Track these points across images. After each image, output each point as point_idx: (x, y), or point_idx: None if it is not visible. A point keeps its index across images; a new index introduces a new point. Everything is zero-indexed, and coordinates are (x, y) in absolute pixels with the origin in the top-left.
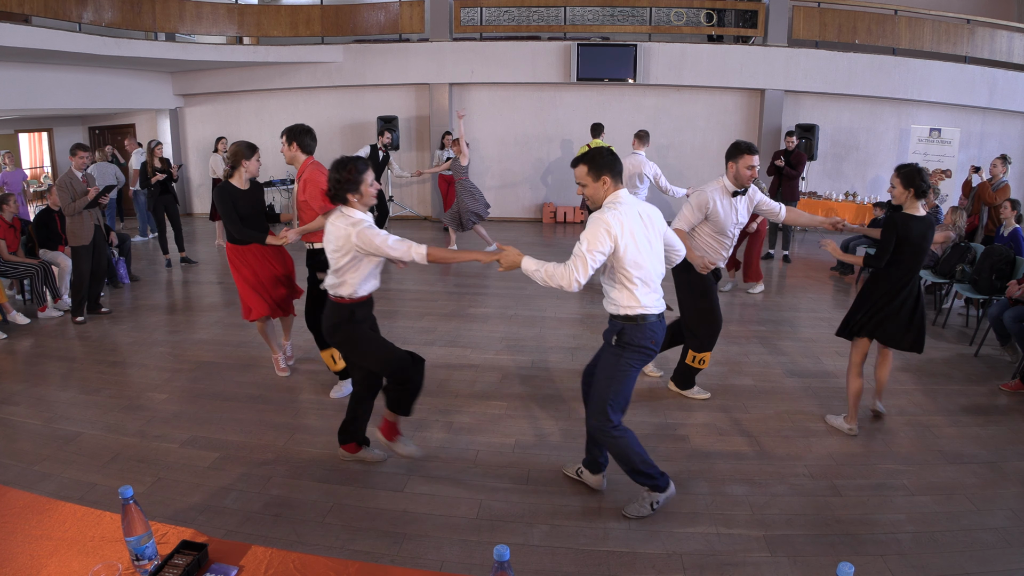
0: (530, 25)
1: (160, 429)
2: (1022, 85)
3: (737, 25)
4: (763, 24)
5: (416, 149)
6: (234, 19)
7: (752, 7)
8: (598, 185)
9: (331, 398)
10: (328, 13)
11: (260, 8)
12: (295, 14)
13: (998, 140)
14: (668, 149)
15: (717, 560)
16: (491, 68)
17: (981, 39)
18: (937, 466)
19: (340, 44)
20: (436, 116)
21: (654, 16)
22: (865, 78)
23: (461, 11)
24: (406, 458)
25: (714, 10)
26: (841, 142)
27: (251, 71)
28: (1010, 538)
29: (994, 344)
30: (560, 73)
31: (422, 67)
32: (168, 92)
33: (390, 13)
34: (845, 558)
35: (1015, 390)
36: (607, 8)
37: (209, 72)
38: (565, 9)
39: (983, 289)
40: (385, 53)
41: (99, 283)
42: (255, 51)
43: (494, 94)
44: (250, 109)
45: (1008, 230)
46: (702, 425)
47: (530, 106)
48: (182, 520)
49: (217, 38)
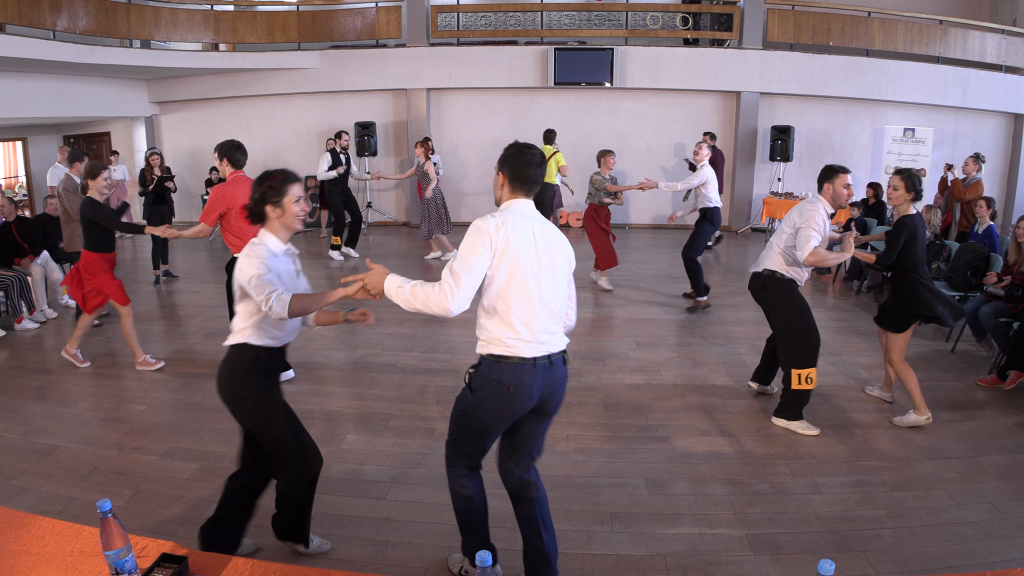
0: (507, 30)
1: (139, 441)
2: (994, 85)
3: (712, 28)
4: (738, 27)
5: (394, 155)
6: (210, 26)
7: (727, 10)
8: (496, 178)
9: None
10: (304, 19)
11: (236, 14)
12: (271, 20)
13: (971, 139)
14: (646, 152)
15: (700, 560)
16: (468, 73)
17: (954, 39)
18: (916, 462)
19: (317, 50)
20: (414, 122)
21: (630, 20)
22: (839, 79)
23: (438, 16)
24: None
25: (689, 14)
26: (816, 143)
27: (227, 78)
28: (990, 531)
29: (970, 340)
30: (537, 77)
31: (399, 72)
32: (143, 100)
33: (367, 19)
34: (827, 555)
35: (992, 385)
36: (583, 12)
37: (185, 79)
38: (542, 14)
39: (959, 286)
40: (362, 59)
41: None
42: (231, 58)
43: (472, 99)
44: (226, 116)
45: (983, 227)
46: (683, 426)
47: (508, 111)
48: (162, 533)
49: (193, 45)
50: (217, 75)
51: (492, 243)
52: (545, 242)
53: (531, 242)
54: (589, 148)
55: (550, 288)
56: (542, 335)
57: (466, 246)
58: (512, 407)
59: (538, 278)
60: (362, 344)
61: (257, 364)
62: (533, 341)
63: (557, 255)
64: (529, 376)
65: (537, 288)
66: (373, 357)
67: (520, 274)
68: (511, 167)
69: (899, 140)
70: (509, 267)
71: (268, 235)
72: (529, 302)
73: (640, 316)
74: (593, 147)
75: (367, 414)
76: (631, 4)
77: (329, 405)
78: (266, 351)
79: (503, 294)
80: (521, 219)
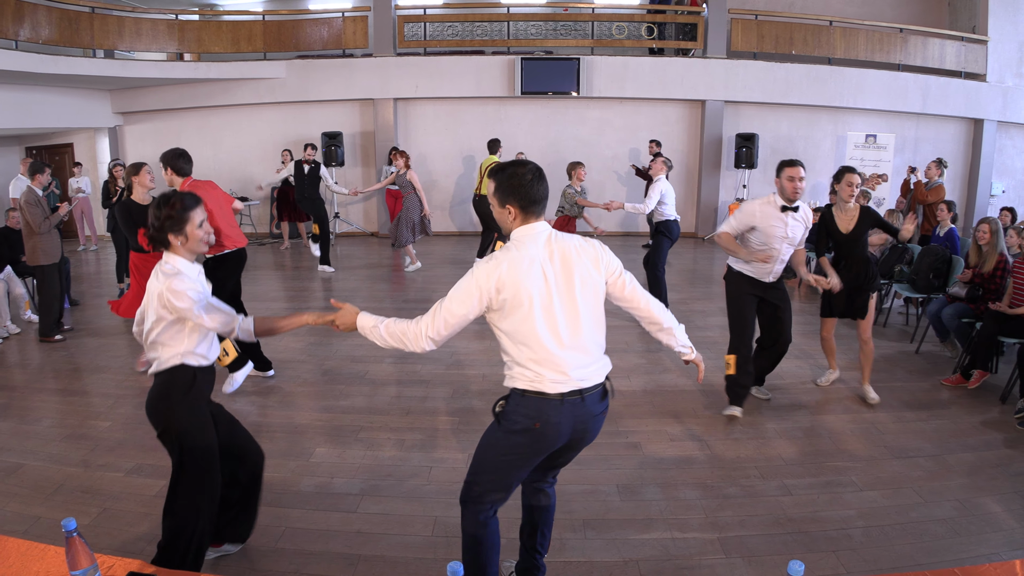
0: (474, 40)
1: (104, 458)
2: (954, 91)
3: (677, 38)
4: (702, 37)
5: (362, 165)
6: (174, 35)
7: (691, 20)
8: (503, 213)
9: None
10: (270, 29)
11: (201, 24)
12: (236, 30)
13: (932, 144)
14: (613, 160)
15: (673, 564)
16: (436, 83)
17: (914, 47)
18: (884, 461)
19: (283, 60)
20: (381, 132)
21: (596, 30)
22: (802, 87)
23: (405, 26)
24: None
25: (655, 24)
26: (781, 150)
27: (192, 88)
28: (958, 528)
29: (934, 341)
30: (505, 87)
31: (366, 82)
32: (107, 110)
33: (333, 28)
34: (798, 556)
35: (956, 384)
36: (550, 23)
37: (149, 89)
38: (508, 24)
39: (921, 288)
40: (329, 69)
41: (62, 303)
42: (196, 67)
43: (439, 109)
44: (192, 126)
45: (944, 230)
46: (653, 432)
47: (476, 120)
48: (130, 551)
49: (157, 55)
50: (182, 85)
51: (481, 292)
52: (562, 266)
53: (538, 276)
54: (557, 157)
55: (572, 319)
56: (572, 370)
57: (457, 289)
58: (539, 445)
59: (552, 312)
60: (331, 356)
61: (194, 384)
62: (558, 377)
63: (580, 279)
64: (556, 413)
65: (551, 325)
66: (342, 368)
67: (523, 315)
68: (519, 195)
69: (861, 146)
70: (510, 310)
71: (178, 259)
72: (541, 342)
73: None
74: (560, 156)
75: (336, 426)
76: (597, 14)
77: (298, 418)
78: (202, 370)
79: (514, 336)
80: (524, 252)
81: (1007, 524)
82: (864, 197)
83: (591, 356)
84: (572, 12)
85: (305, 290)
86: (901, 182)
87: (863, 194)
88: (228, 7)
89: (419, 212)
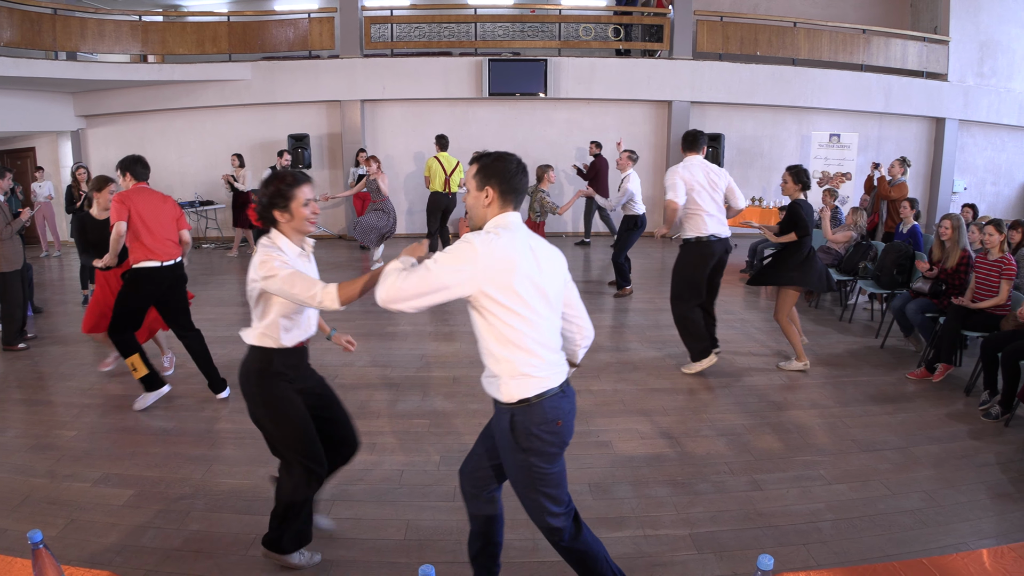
0: (441, 41)
1: (71, 468)
2: (916, 90)
3: (644, 39)
4: (668, 38)
5: (329, 167)
6: (138, 36)
7: (657, 22)
8: (479, 196)
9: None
10: (235, 30)
11: (165, 25)
12: (201, 31)
13: (895, 143)
14: (581, 161)
15: (646, 562)
16: (403, 84)
17: (876, 48)
18: (851, 455)
19: (248, 61)
20: (348, 133)
21: (563, 31)
22: (767, 88)
23: (372, 27)
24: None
25: (621, 25)
26: (746, 150)
27: (156, 90)
28: (925, 519)
29: (899, 336)
30: (472, 88)
31: (333, 84)
32: (69, 113)
33: (299, 29)
34: (769, 550)
35: (921, 377)
36: (517, 24)
37: (112, 92)
38: (476, 25)
39: (885, 284)
40: (295, 70)
41: (25, 311)
42: (160, 69)
43: (407, 110)
44: (156, 129)
45: (907, 227)
46: (624, 430)
47: (443, 122)
48: (99, 562)
49: (120, 56)
50: (146, 87)
51: (477, 259)
52: (544, 256)
53: (531, 257)
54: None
55: (553, 307)
56: (558, 356)
57: (448, 255)
58: (564, 440)
59: (544, 295)
60: None
61: (271, 367)
62: (556, 363)
63: (554, 270)
64: (568, 404)
65: (545, 305)
66: None
67: (525, 291)
68: (501, 179)
69: (825, 145)
70: (508, 285)
71: (280, 237)
72: (539, 322)
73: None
74: (529, 157)
75: None
76: (564, 15)
77: None
78: (280, 352)
79: (512, 318)
80: (518, 233)
81: (973, 514)
82: (830, 196)
83: (559, 345)
84: (539, 13)
85: None
86: (865, 178)
87: (829, 192)
88: (192, 8)
89: (387, 221)
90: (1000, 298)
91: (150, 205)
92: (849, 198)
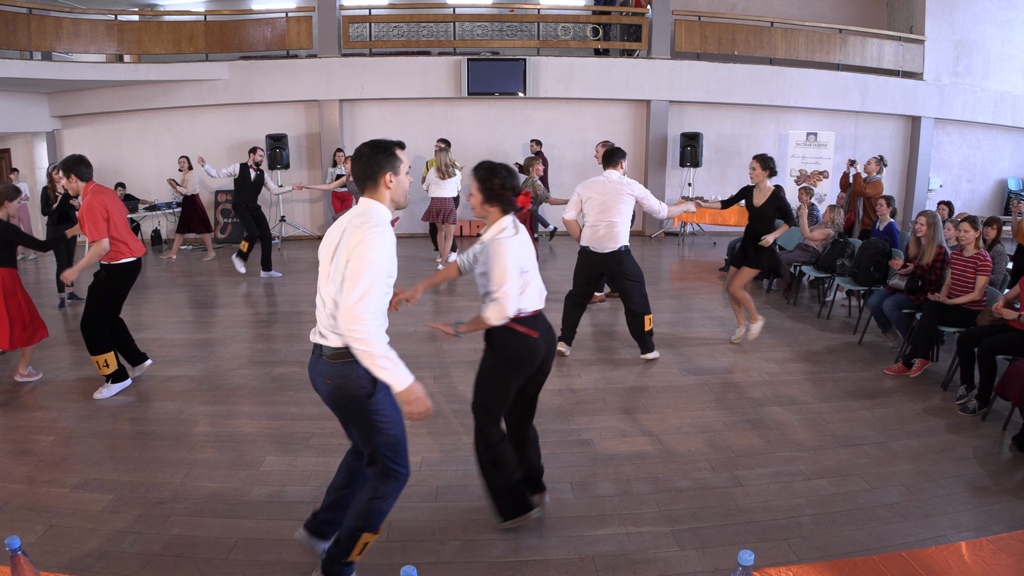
0: (420, 40)
1: (49, 474)
2: (892, 89)
3: (622, 39)
4: (647, 38)
5: (308, 167)
6: (114, 36)
7: (636, 21)
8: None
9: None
10: (212, 29)
11: (141, 25)
12: (177, 30)
13: (871, 141)
14: (560, 160)
15: (628, 559)
16: (382, 84)
17: (853, 47)
18: (831, 450)
19: (225, 61)
20: (327, 133)
21: (542, 31)
22: (745, 87)
23: (350, 27)
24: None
25: (600, 25)
26: (725, 148)
27: (132, 90)
28: (904, 512)
29: (876, 332)
30: (451, 88)
31: (311, 84)
32: (44, 114)
33: (277, 29)
34: (750, 545)
35: (899, 373)
36: (496, 23)
37: (88, 92)
38: (454, 24)
39: (863, 281)
40: (272, 70)
41: None
42: (136, 69)
43: (385, 110)
44: (132, 130)
45: (883, 224)
46: (605, 428)
47: (422, 121)
48: (78, 569)
49: (96, 56)
50: (121, 87)
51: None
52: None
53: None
54: (504, 158)
55: None
56: None
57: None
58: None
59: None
60: (279, 362)
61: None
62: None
63: None
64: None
65: None
66: (291, 375)
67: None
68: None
69: (802, 144)
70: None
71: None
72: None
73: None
74: (508, 156)
75: (287, 434)
76: (543, 15)
77: (247, 426)
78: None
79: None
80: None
81: (952, 507)
82: (807, 193)
83: None
84: (518, 13)
85: (250, 295)
86: (840, 175)
87: (805, 190)
88: (169, 7)
89: None
90: (976, 293)
91: (115, 204)
92: (826, 196)
